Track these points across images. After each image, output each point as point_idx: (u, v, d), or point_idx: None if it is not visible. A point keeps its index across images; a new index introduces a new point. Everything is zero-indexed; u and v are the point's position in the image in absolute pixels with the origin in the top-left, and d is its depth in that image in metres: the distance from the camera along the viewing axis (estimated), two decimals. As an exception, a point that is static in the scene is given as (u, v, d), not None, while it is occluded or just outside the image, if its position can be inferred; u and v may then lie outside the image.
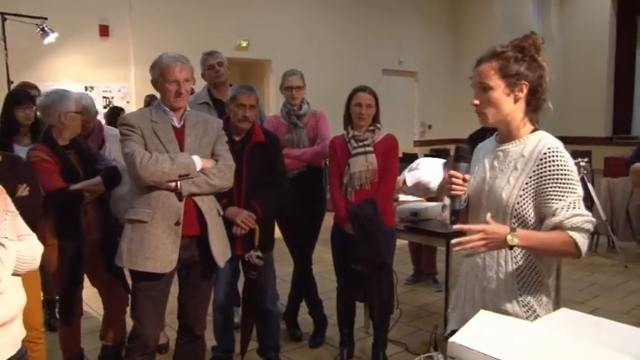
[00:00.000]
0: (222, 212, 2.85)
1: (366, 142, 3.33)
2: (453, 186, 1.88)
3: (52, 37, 6.29)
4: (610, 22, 11.64)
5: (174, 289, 2.83)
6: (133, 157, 2.53)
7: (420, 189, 4.71)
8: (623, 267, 5.77)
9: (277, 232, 3.53)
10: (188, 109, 2.76)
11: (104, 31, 7.23)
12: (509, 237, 1.72)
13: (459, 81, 11.50)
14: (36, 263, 1.94)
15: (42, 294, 3.27)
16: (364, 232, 3.22)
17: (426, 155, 5.24)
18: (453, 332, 2.04)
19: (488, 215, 1.79)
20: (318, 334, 3.95)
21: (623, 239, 6.20)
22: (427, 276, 5.22)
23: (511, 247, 1.75)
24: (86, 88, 6.92)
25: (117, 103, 7.12)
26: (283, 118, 3.85)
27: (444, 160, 4.74)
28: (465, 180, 1.89)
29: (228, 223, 3.00)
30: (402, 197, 4.69)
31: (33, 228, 2.02)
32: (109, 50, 7.25)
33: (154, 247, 2.57)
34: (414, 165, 4.89)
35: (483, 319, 1.58)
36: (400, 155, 5.41)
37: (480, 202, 1.93)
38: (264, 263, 3.16)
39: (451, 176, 1.89)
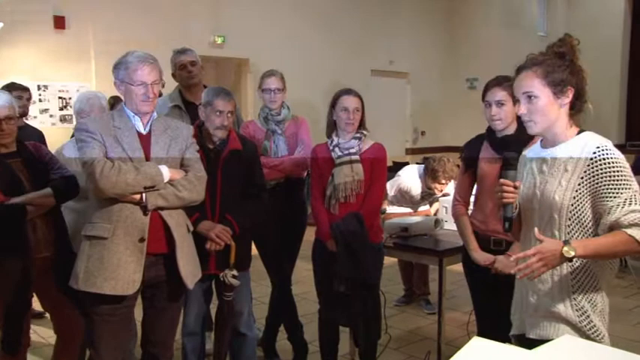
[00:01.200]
0: (192, 228, 2.88)
1: (352, 151, 3.40)
2: (505, 194, 2.10)
3: (-4, 28, 6.27)
4: (624, 17, 11.85)
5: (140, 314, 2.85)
6: (92, 167, 2.52)
7: (406, 198, 4.83)
8: (636, 289, 5.84)
9: (254, 249, 3.58)
10: (155, 114, 2.79)
11: (59, 22, 7.17)
12: (565, 249, 1.90)
13: (455, 83, 11.64)
14: None
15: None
16: (349, 249, 3.29)
17: (417, 164, 5.37)
18: (515, 337, 2.23)
19: (536, 231, 1.99)
20: (298, 363, 3.99)
21: (636, 258, 6.28)
22: (419, 297, 5.31)
23: (570, 260, 1.93)
24: (39, 87, 6.91)
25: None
26: (261, 124, 3.91)
27: (422, 166, 4.85)
28: (515, 187, 2.11)
29: (201, 239, 3.05)
30: (389, 210, 4.81)
31: None
32: (65, 44, 7.21)
33: (115, 266, 2.57)
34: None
35: (478, 346, 1.61)
36: (390, 164, 5.51)
37: (533, 207, 2.14)
38: (240, 283, 3.21)
39: (502, 184, 2.12)
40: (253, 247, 3.62)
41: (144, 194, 2.59)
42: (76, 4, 7.28)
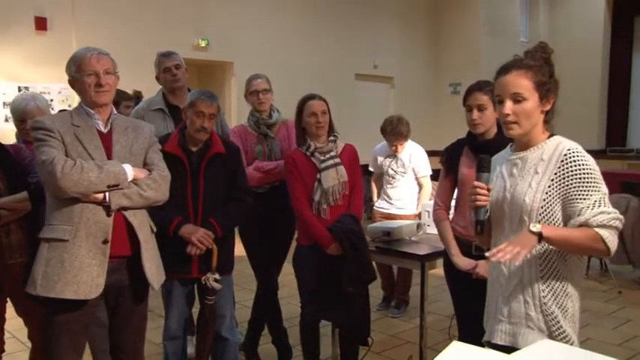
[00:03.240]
0: (155, 229, 2.80)
1: (332, 154, 3.46)
2: (478, 197, 2.11)
3: (-26, 29, 6.22)
4: (604, 23, 12.00)
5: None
6: (52, 165, 2.40)
7: (379, 167, 5.23)
8: (616, 293, 5.91)
9: (237, 253, 3.57)
10: (115, 112, 2.73)
11: (41, 24, 7.14)
12: (531, 226, 1.95)
13: (439, 88, 11.73)
14: None
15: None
16: (355, 249, 3.32)
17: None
18: (487, 343, 2.23)
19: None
20: (282, 367, 3.99)
21: (616, 262, 6.30)
22: (399, 300, 5.29)
23: (540, 240, 1.95)
24: (20, 89, 6.83)
25: (57, 106, 7.06)
26: (251, 128, 3.91)
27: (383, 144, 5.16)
28: (489, 190, 2.12)
29: (183, 243, 3.05)
30: (375, 206, 4.91)
31: None
32: (47, 46, 7.16)
33: (77, 270, 2.47)
34: None
35: (457, 350, 1.62)
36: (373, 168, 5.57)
37: (503, 210, 2.15)
38: (222, 287, 3.21)
39: (475, 187, 2.11)
40: (236, 250, 3.61)
41: (107, 194, 2.50)
42: (59, 6, 7.24)
